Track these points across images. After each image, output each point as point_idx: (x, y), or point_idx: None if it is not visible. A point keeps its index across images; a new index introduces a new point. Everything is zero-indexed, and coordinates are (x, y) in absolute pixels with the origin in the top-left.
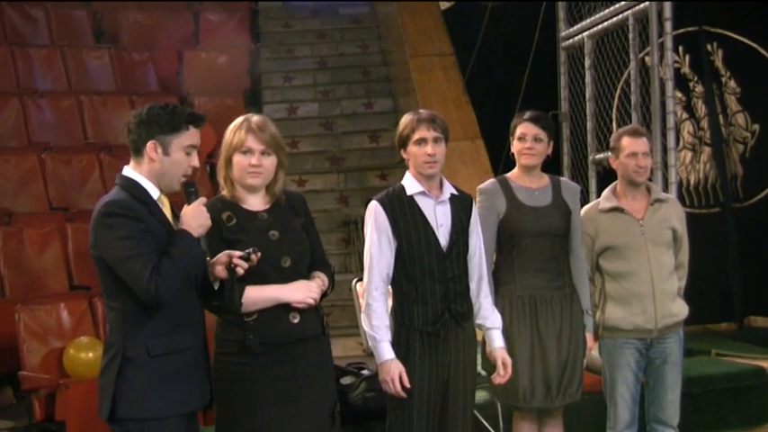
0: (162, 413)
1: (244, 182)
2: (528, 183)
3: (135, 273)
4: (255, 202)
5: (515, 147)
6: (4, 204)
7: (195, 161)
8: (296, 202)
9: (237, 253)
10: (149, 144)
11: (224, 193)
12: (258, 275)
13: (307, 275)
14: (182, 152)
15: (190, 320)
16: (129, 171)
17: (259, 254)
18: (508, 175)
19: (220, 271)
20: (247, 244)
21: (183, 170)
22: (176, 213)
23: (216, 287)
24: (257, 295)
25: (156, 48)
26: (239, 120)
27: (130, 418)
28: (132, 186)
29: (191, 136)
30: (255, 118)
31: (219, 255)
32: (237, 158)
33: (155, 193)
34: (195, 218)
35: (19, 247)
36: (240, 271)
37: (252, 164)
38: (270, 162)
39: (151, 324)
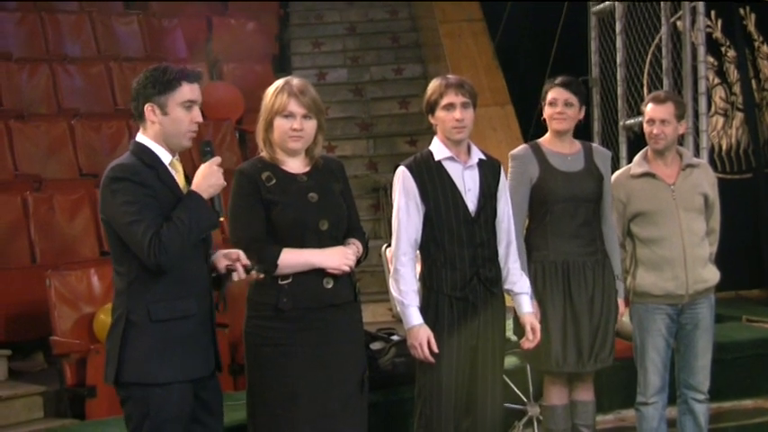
0: (165, 378)
1: (285, 145)
2: (560, 148)
3: (137, 238)
4: (295, 165)
5: (546, 112)
6: (35, 170)
7: (197, 116)
8: (335, 168)
9: (245, 260)
10: (147, 107)
11: (263, 154)
12: (295, 237)
13: (342, 241)
14: (180, 109)
15: (195, 288)
16: (140, 137)
17: (262, 276)
18: (540, 140)
19: (222, 265)
20: (285, 206)
21: (185, 127)
22: (190, 181)
23: (213, 275)
24: (293, 258)
25: (184, 14)
26: (280, 83)
27: (134, 383)
28: (142, 151)
29: (186, 91)
30: (296, 81)
31: (231, 251)
32: (279, 122)
33: (166, 157)
34: (206, 178)
35: (49, 213)
36: (234, 277)
37: (294, 128)
38: (311, 126)
39: (155, 289)
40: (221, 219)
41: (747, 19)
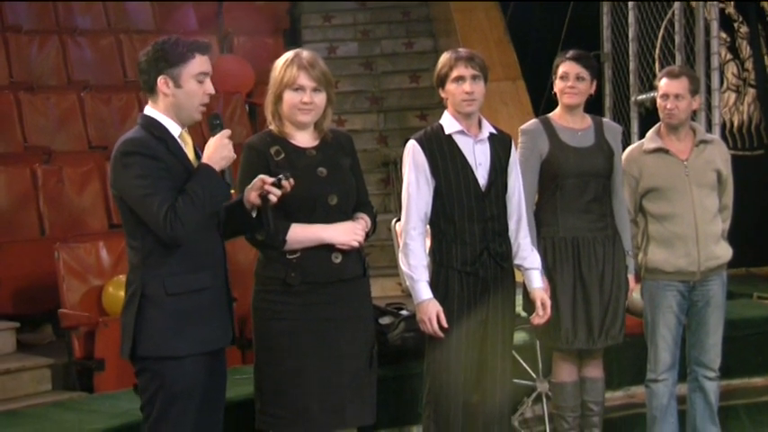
0: (181, 352)
1: (294, 119)
2: (571, 123)
3: (152, 212)
4: (304, 139)
5: (557, 86)
6: (44, 143)
7: (210, 88)
8: (344, 142)
9: (270, 179)
10: (160, 80)
11: (272, 128)
12: (304, 212)
13: (351, 215)
14: (193, 81)
15: (210, 260)
16: (148, 110)
17: (291, 180)
18: (550, 115)
19: (254, 197)
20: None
21: (198, 99)
22: (198, 153)
23: (254, 215)
24: (302, 233)
25: None
26: (289, 55)
27: (151, 357)
28: (151, 124)
29: (199, 63)
30: (306, 54)
31: (254, 180)
32: (288, 95)
33: (175, 130)
34: (218, 150)
35: (58, 185)
36: (272, 198)
37: (303, 101)
38: (320, 99)
39: (170, 263)
40: (232, 191)
41: None
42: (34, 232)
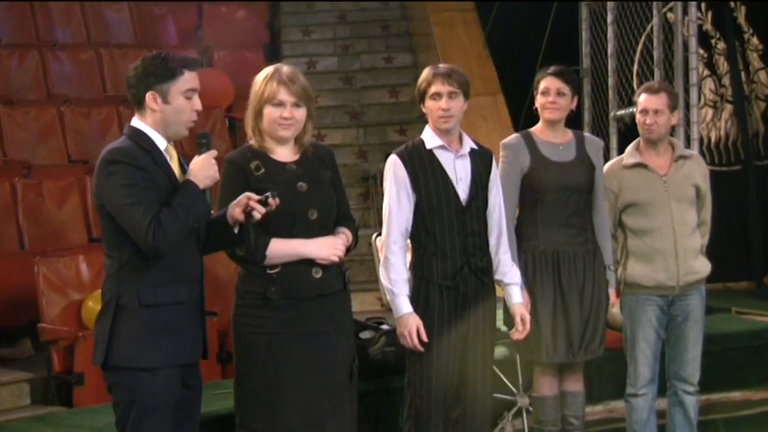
0: (153, 363)
1: (274, 134)
2: (552, 138)
3: (135, 221)
4: (284, 153)
5: (539, 101)
6: (24, 157)
7: (197, 104)
8: (325, 156)
9: (256, 197)
10: (148, 95)
11: (252, 143)
12: (284, 227)
13: (332, 229)
14: (181, 98)
15: (187, 275)
16: (135, 122)
17: (277, 200)
18: (532, 129)
19: (238, 213)
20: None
21: (186, 116)
22: (184, 167)
23: (236, 230)
24: (282, 248)
25: (175, 1)
26: (269, 70)
27: (122, 367)
28: (138, 136)
29: (187, 80)
30: (286, 69)
31: (240, 197)
32: (268, 111)
33: (161, 143)
34: (203, 169)
35: (38, 199)
36: (256, 215)
37: (283, 116)
38: (301, 114)
39: (146, 274)
40: (212, 211)
41: (738, 11)
42: (14, 246)
